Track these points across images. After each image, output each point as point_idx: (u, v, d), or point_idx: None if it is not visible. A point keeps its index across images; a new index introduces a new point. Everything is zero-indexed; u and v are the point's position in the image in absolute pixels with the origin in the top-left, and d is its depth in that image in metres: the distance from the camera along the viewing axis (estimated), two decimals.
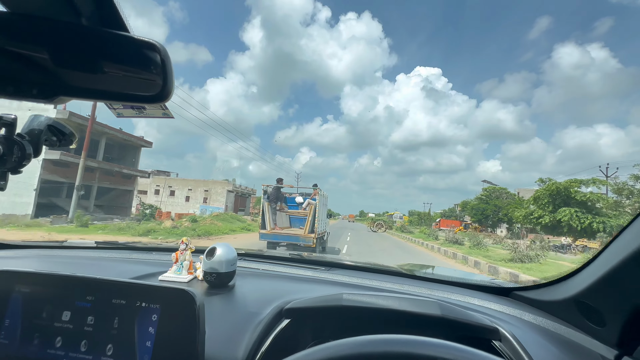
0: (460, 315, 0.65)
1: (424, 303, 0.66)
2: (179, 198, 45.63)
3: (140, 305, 0.58)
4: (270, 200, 9.07)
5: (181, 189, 46.26)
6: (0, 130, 0.60)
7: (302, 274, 1.13)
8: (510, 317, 0.84)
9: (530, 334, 0.74)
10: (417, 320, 0.66)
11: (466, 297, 0.96)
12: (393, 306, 0.66)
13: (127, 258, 1.25)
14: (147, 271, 1.04)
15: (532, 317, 0.83)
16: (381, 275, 1.17)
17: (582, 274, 0.77)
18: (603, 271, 0.66)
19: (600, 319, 0.69)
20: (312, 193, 9.51)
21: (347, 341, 0.33)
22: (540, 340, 0.72)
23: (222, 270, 0.92)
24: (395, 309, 0.65)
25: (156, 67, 0.45)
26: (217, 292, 0.88)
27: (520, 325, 0.79)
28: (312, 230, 8.43)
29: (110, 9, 0.42)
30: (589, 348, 0.68)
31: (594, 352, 0.67)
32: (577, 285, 0.75)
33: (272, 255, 1.41)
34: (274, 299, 0.81)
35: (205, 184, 46.11)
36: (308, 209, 8.97)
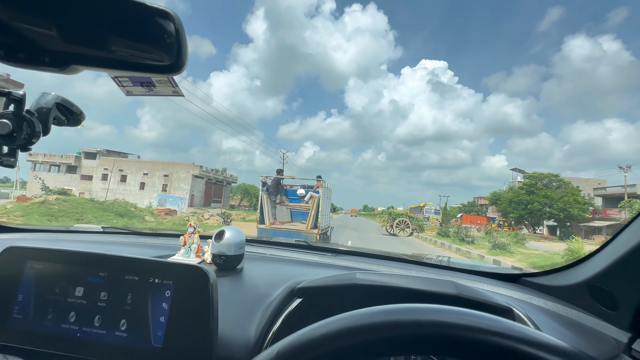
0: (476, 294, 0.65)
1: (438, 282, 0.66)
2: (132, 185, 35.34)
3: (154, 282, 0.57)
4: (270, 192, 8.48)
5: (134, 174, 35.42)
6: (9, 106, 0.59)
7: (309, 258, 1.13)
8: (519, 301, 0.84)
9: (541, 317, 0.74)
10: (430, 300, 0.66)
11: (475, 282, 0.96)
12: (407, 285, 0.65)
13: (135, 242, 1.25)
14: (156, 254, 1.04)
15: (542, 302, 0.82)
16: (389, 261, 1.17)
17: (595, 258, 0.76)
18: (617, 255, 0.65)
19: (613, 303, 0.68)
20: (315, 185, 8.97)
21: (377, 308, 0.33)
22: (551, 323, 0.72)
23: (231, 252, 0.92)
24: (409, 287, 0.65)
25: (170, 37, 0.44)
26: (226, 275, 0.88)
27: (530, 309, 0.78)
28: (315, 225, 7.95)
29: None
30: (601, 331, 0.68)
31: (606, 335, 0.67)
32: (589, 269, 0.75)
33: (278, 241, 1.41)
34: (284, 280, 0.81)
35: (165, 167, 35.17)
36: (310, 202, 8.47)
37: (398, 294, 0.66)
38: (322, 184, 8.51)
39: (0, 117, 0.58)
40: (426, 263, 1.17)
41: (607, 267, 0.68)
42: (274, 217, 8.28)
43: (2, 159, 0.59)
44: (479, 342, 0.29)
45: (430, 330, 0.31)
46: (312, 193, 8.79)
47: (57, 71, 0.46)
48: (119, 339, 0.55)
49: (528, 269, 1.05)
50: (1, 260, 0.61)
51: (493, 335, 0.29)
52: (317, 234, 7.70)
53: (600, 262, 0.72)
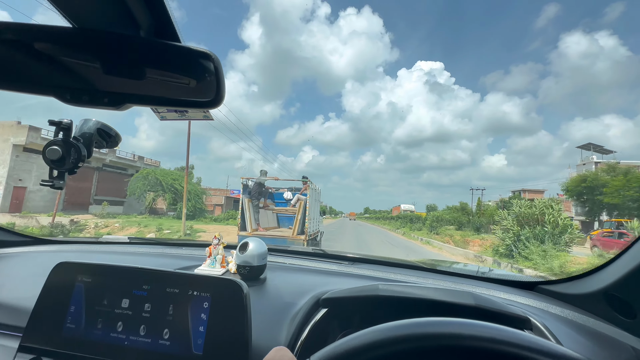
0: (493, 305, 0.68)
1: (457, 293, 0.69)
2: None
3: (193, 294, 0.63)
4: (252, 196, 7.75)
5: None
6: (59, 134, 0.66)
7: (327, 267, 1.17)
8: (536, 309, 0.86)
9: (559, 325, 0.76)
10: (449, 310, 0.69)
11: (491, 290, 0.98)
12: (428, 296, 0.69)
13: (161, 253, 1.32)
14: (182, 265, 1.10)
15: (559, 310, 0.84)
16: (405, 270, 1.20)
17: (611, 267, 0.78)
18: (635, 263, 0.67)
19: (630, 311, 0.70)
20: (303, 188, 8.27)
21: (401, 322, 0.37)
22: (569, 332, 0.74)
23: (255, 263, 0.96)
24: (429, 298, 0.68)
25: (210, 75, 0.49)
26: (252, 285, 0.93)
27: (547, 317, 0.80)
28: (302, 230, 7.34)
29: (165, 20, 0.47)
30: (618, 340, 0.70)
31: (624, 343, 0.68)
32: (606, 278, 0.77)
33: (296, 250, 1.46)
34: (307, 290, 0.85)
35: None
36: (298, 205, 7.84)
37: (419, 305, 0.70)
38: (309, 186, 7.86)
39: (51, 144, 0.65)
40: (443, 271, 1.19)
41: (623, 276, 0.70)
42: (257, 222, 7.65)
43: (54, 182, 0.66)
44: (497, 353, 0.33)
45: (454, 342, 0.34)
46: (299, 196, 8.18)
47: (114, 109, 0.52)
48: (163, 347, 0.60)
49: (544, 276, 1.07)
50: (54, 275, 0.68)
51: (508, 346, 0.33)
52: (305, 240, 7.16)
53: (617, 271, 0.73)
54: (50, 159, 0.64)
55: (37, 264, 1.09)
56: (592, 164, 35.15)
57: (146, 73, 0.49)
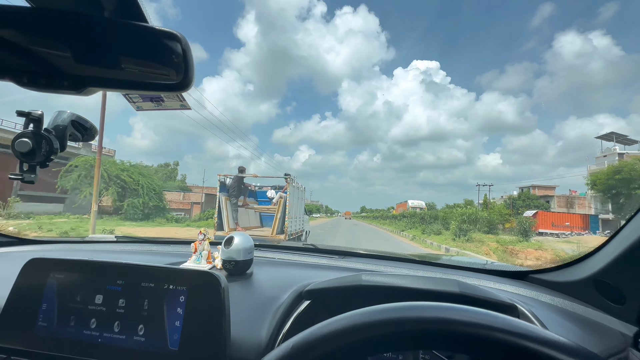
0: (479, 292, 0.66)
1: (442, 281, 0.68)
2: None
3: (168, 288, 0.60)
4: (230, 194, 7.27)
5: None
6: (29, 125, 0.63)
7: (316, 261, 1.15)
8: (526, 298, 0.84)
9: (548, 313, 0.74)
10: (434, 298, 0.67)
11: (481, 280, 0.97)
12: (411, 285, 0.67)
13: (147, 250, 1.29)
14: (168, 261, 1.08)
15: (549, 298, 0.83)
16: (395, 262, 1.19)
17: (600, 253, 0.76)
18: (622, 249, 0.66)
19: (619, 297, 0.69)
20: (285, 186, 7.83)
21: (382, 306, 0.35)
22: (558, 319, 0.73)
23: (240, 258, 0.94)
24: (414, 287, 0.67)
25: (178, 57, 0.47)
26: (237, 279, 0.91)
27: (537, 305, 0.79)
28: (282, 230, 6.98)
29: (131, 1, 0.44)
30: (607, 325, 0.69)
31: (612, 329, 0.67)
32: (595, 265, 0.75)
33: (285, 245, 1.44)
34: (292, 283, 0.83)
35: None
36: (278, 204, 7.47)
37: (403, 294, 0.68)
38: (290, 184, 7.49)
39: (20, 136, 0.62)
40: (432, 263, 1.18)
41: (611, 262, 0.69)
42: (235, 221, 7.22)
43: (24, 175, 0.63)
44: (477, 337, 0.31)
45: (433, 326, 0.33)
46: (281, 193, 7.79)
47: (75, 93, 0.49)
48: (138, 344, 0.58)
49: (535, 266, 1.06)
50: (26, 271, 0.65)
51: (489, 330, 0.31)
52: (285, 240, 6.89)
53: (605, 257, 0.72)
54: (19, 151, 0.61)
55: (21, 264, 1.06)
56: (615, 155, 31.35)
57: (110, 55, 0.46)
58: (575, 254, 0.87)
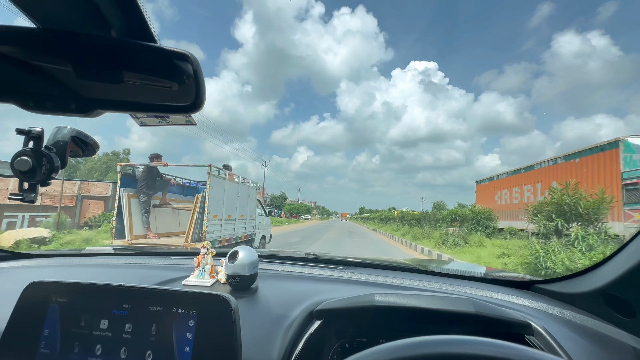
0: (494, 311, 0.66)
1: (457, 301, 0.67)
2: None
3: (177, 312, 0.58)
4: (139, 189, 5.61)
5: None
6: (29, 143, 0.61)
7: (321, 273, 1.14)
8: (535, 310, 0.84)
9: (558, 327, 0.74)
10: (449, 318, 0.67)
11: (488, 292, 0.96)
12: (427, 305, 0.66)
13: (147, 264, 1.26)
14: (169, 276, 1.06)
15: (557, 310, 0.83)
16: (400, 272, 1.18)
17: (608, 265, 0.77)
18: (632, 260, 0.66)
19: (629, 311, 0.69)
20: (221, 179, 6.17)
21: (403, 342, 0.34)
22: (568, 333, 0.73)
23: (245, 273, 0.93)
24: (429, 307, 0.66)
25: (189, 78, 0.46)
26: (242, 296, 0.89)
27: (546, 318, 0.79)
28: (199, 237, 5.39)
29: (139, 20, 0.43)
30: (618, 340, 0.69)
31: (624, 343, 0.67)
32: (603, 277, 0.76)
33: (287, 255, 1.42)
34: (301, 300, 0.81)
35: None
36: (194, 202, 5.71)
37: (418, 315, 0.67)
38: (211, 175, 5.68)
39: (20, 154, 0.60)
40: (438, 272, 1.17)
41: (621, 275, 0.69)
42: (145, 225, 5.71)
43: (24, 195, 0.61)
44: None
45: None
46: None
47: (83, 116, 0.48)
48: None
49: (540, 276, 1.06)
50: (26, 295, 0.63)
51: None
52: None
53: (614, 269, 0.72)
54: (19, 170, 0.59)
55: (15, 281, 1.02)
56: None
57: (118, 76, 0.45)
58: (580, 266, 0.87)
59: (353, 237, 17.23)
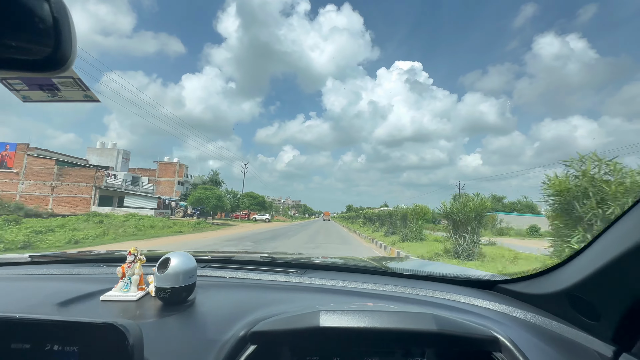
0: (457, 328, 0.57)
1: (416, 318, 0.58)
2: None
3: (52, 349, 0.43)
4: None
5: None
6: None
7: (274, 280, 1.01)
8: (499, 314, 0.79)
9: (522, 333, 0.68)
10: (408, 337, 0.58)
11: (452, 294, 0.90)
12: (381, 325, 0.56)
13: (67, 274, 1.06)
14: (89, 289, 0.88)
15: (522, 313, 0.78)
16: (361, 275, 1.09)
17: (572, 264, 0.72)
18: (597, 262, 0.61)
19: (593, 313, 0.64)
20: None
21: None
22: (533, 340, 0.67)
23: (178, 284, 0.78)
24: (384, 328, 0.56)
25: (44, 22, 0.32)
26: (172, 312, 0.74)
27: (510, 324, 0.73)
28: None
29: None
30: (584, 345, 0.64)
31: (589, 348, 0.63)
32: (568, 277, 0.71)
33: (240, 259, 1.28)
34: (240, 316, 0.69)
35: None
36: None
37: (370, 337, 0.57)
38: None
39: None
40: (400, 274, 1.10)
41: (585, 276, 0.64)
42: None
43: None
44: None
45: None
46: None
47: None
48: None
49: (503, 275, 1.02)
50: None
51: None
52: None
53: (578, 270, 0.68)
54: None
55: None
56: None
57: None
58: (544, 265, 0.83)
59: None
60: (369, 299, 0.85)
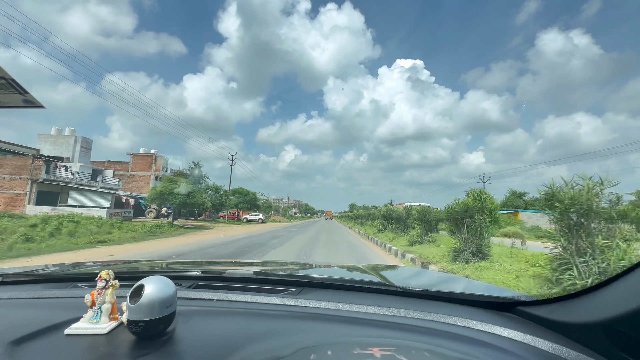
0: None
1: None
2: None
3: None
4: None
5: None
6: None
7: (266, 302, 0.91)
8: (522, 346, 0.68)
9: None
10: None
11: (466, 320, 0.79)
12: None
13: (33, 298, 0.95)
14: (56, 319, 0.77)
15: (550, 347, 0.66)
16: (364, 295, 0.98)
17: (613, 289, 0.62)
18: None
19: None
20: None
21: None
22: None
23: (154, 316, 0.67)
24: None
25: None
26: (147, 349, 0.64)
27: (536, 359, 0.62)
28: None
29: None
30: None
31: None
32: (607, 305, 0.60)
33: (231, 276, 1.17)
34: (223, 357, 0.58)
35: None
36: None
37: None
38: None
39: None
40: (407, 293, 0.99)
41: (633, 306, 0.54)
42: None
43: None
44: None
45: None
46: None
47: None
48: None
49: (524, 295, 0.91)
50: None
51: None
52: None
53: (623, 298, 0.57)
54: None
55: None
56: None
57: None
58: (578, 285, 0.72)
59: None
60: (373, 329, 0.74)
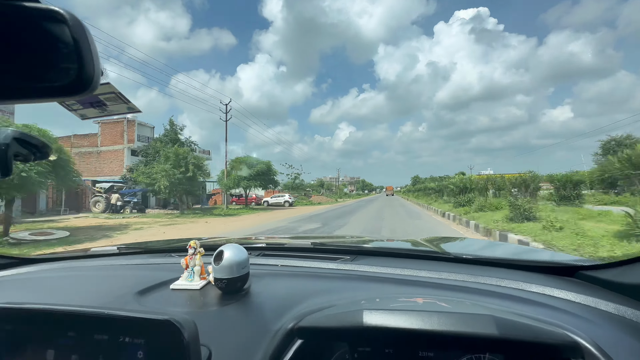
0: (526, 332, 0.50)
1: (473, 320, 0.52)
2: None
3: (124, 341, 0.49)
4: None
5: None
6: None
7: (323, 267, 1.02)
8: (581, 307, 0.67)
9: (613, 332, 0.57)
10: (464, 345, 0.52)
11: (520, 282, 0.80)
12: (431, 327, 0.52)
13: (145, 264, 1.21)
14: (162, 278, 0.99)
15: (613, 307, 0.65)
16: (414, 261, 1.03)
17: None
18: None
19: None
20: None
21: None
22: (628, 340, 0.56)
23: (233, 275, 0.83)
24: (433, 330, 0.52)
25: (67, 46, 0.32)
26: (230, 301, 0.80)
27: (597, 319, 0.62)
28: None
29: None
30: None
31: None
32: None
33: (292, 246, 1.32)
34: (289, 307, 0.71)
35: None
36: None
37: (418, 340, 0.53)
38: None
39: None
40: (461, 259, 1.01)
41: None
42: None
43: None
44: None
45: None
46: None
47: None
48: None
49: (587, 260, 0.87)
50: None
51: None
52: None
53: None
54: None
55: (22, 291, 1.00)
56: None
57: None
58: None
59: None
60: (421, 288, 0.80)
